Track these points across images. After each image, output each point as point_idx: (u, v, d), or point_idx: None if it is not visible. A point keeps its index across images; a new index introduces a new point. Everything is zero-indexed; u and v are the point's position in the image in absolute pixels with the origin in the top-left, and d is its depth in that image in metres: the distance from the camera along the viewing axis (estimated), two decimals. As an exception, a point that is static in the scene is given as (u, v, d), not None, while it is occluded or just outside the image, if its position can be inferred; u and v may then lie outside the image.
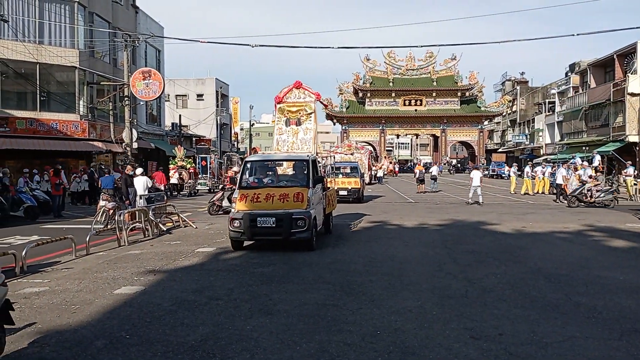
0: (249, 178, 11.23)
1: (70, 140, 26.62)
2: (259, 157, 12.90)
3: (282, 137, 13.24)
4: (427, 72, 66.21)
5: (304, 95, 13.59)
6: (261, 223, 9.89)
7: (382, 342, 5.20)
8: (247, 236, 10.04)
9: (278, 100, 13.53)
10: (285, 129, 13.33)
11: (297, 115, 13.34)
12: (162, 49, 39.65)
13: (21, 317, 6.01)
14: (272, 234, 10.01)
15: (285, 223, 9.84)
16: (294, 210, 9.93)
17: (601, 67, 42.92)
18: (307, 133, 13.22)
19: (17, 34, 24.90)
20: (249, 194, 10.27)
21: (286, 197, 10.14)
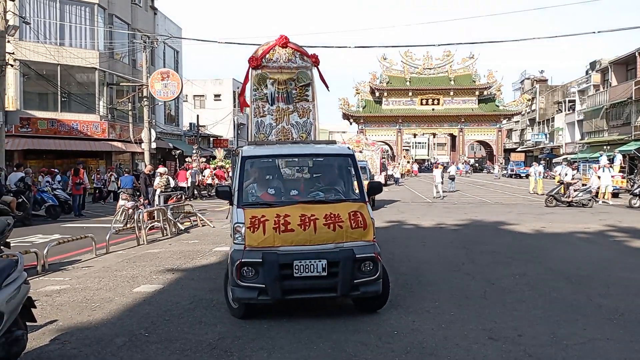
0: (255, 187, 6.76)
1: (90, 140, 26.98)
2: (267, 150, 7.19)
3: (264, 121, 8.58)
4: (445, 71, 65.75)
5: (293, 58, 9.00)
6: (300, 271, 5.62)
7: (400, 343, 5.17)
8: (272, 295, 5.62)
9: (254, 64, 8.72)
10: (269, 108, 8.62)
11: (286, 88, 8.84)
12: (180, 49, 39.97)
13: (43, 314, 6.11)
14: (320, 289, 5.74)
15: (344, 269, 5.64)
16: (354, 244, 5.79)
17: (622, 64, 42.17)
18: (304, 115, 8.85)
19: (38, 36, 25.31)
20: (267, 216, 5.82)
21: (337, 222, 5.83)
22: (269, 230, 5.72)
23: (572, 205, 19.46)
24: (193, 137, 42.31)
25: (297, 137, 8.60)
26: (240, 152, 6.85)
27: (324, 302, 6.54)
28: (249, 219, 5.81)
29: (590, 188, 20.58)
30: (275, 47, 8.91)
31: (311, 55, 9.11)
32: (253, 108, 8.62)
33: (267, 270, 5.59)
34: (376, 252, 5.86)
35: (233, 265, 5.67)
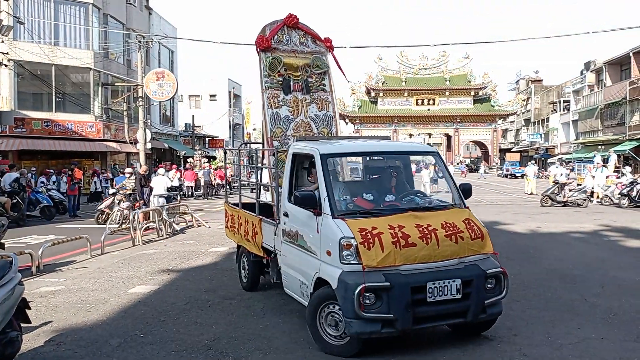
0: (343, 191, 5.54)
1: (85, 140, 26.87)
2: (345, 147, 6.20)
3: (280, 113, 7.29)
4: (440, 71, 65.88)
5: (305, 41, 7.79)
6: (434, 294, 4.71)
7: (396, 342, 5.18)
8: (401, 326, 4.59)
9: (264, 45, 7.35)
10: (285, 98, 7.39)
11: (302, 75, 7.59)
12: (175, 49, 39.88)
13: (37, 315, 6.09)
14: (452, 314, 4.88)
15: (477, 289, 4.87)
16: (475, 258, 5.06)
17: (617, 65, 42.34)
18: (323, 107, 7.68)
19: (32, 36, 25.20)
20: (380, 227, 4.80)
21: (457, 232, 5.01)
22: (387, 246, 4.65)
23: (567, 205, 19.54)
24: (189, 137, 42.38)
25: (317, 133, 7.46)
26: (317, 151, 5.39)
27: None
28: (358, 232, 4.69)
29: (585, 188, 20.68)
30: (284, 26, 7.62)
31: (325, 38, 7.92)
32: (266, 97, 7.28)
33: (397, 296, 4.52)
34: (502, 267, 5.13)
35: (351, 292, 4.46)
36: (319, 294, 4.95)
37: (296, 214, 5.45)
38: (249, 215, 6.95)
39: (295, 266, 5.54)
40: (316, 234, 5.03)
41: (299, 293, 5.50)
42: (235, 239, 7.76)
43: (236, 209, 7.60)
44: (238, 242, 7.57)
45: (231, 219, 7.81)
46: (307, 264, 5.18)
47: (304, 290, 5.27)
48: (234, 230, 7.67)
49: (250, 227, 6.84)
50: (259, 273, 7.18)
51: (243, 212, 7.28)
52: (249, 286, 7.26)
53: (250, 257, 7.11)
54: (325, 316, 4.91)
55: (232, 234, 7.86)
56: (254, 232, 6.65)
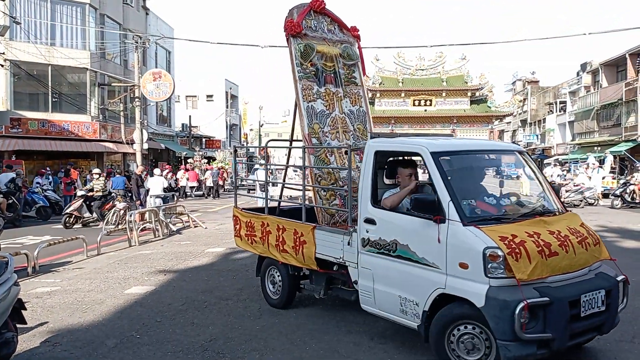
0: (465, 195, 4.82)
1: (81, 141, 26.78)
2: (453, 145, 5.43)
3: (315, 107, 6.61)
4: (437, 72, 65.91)
5: (333, 28, 7.16)
6: (586, 308, 4.34)
7: (392, 343, 5.19)
8: (557, 345, 4.15)
9: (295, 30, 6.66)
10: (318, 90, 6.71)
11: (334, 66, 6.94)
12: (172, 50, 39.81)
13: (33, 316, 6.07)
14: (594, 329, 4.53)
15: (615, 299, 4.60)
16: (598, 265, 4.79)
17: (613, 66, 42.48)
18: (356, 102, 7.09)
19: (29, 36, 25.12)
20: (519, 235, 4.31)
21: (584, 239, 4.70)
22: (534, 256, 4.17)
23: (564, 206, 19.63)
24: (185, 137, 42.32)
25: (354, 130, 6.91)
26: (425, 149, 4.77)
27: (315, 303, 6.55)
28: (500, 241, 4.16)
29: (582, 189, 20.76)
30: (310, 10, 6.91)
31: (351, 27, 7.34)
32: (300, 89, 6.55)
33: (556, 313, 4.06)
34: (624, 274, 4.75)
35: (509, 310, 3.94)
36: (446, 313, 4.32)
37: (394, 221, 4.81)
38: (289, 223, 6.08)
39: (391, 281, 4.77)
40: (437, 244, 4.37)
41: (397, 311, 4.74)
42: (255, 250, 6.73)
43: (258, 215, 6.67)
44: (261, 253, 6.61)
45: (248, 227, 6.82)
46: (417, 279, 4.52)
47: (409, 308, 4.61)
48: (252, 240, 6.71)
49: (290, 236, 5.97)
50: (296, 288, 6.38)
51: (274, 218, 6.38)
52: (283, 302, 6.35)
53: (287, 270, 6.24)
54: (457, 339, 4.28)
55: (247, 243, 6.88)
56: (300, 241, 5.82)
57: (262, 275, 6.80)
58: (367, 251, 5.03)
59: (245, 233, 6.89)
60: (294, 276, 6.31)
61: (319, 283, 5.99)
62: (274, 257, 6.32)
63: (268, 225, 6.41)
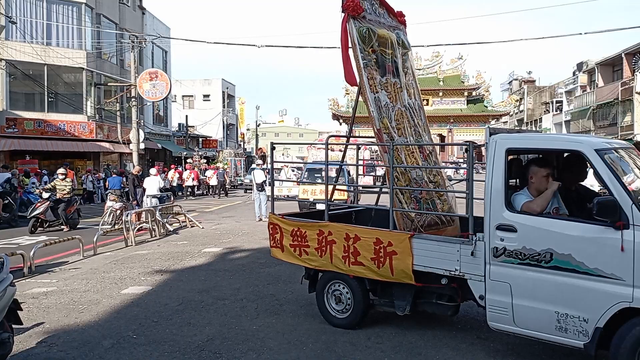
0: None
1: (78, 141, 26.73)
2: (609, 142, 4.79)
3: (380, 99, 5.87)
4: (434, 72, 66.02)
5: (382, 12, 6.42)
6: None
7: (389, 343, 5.19)
8: None
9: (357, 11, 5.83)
10: (380, 80, 5.96)
11: (392, 54, 6.23)
12: (168, 49, 39.75)
13: (29, 317, 6.05)
14: None
15: None
16: None
17: (609, 65, 42.63)
18: (412, 95, 6.54)
19: (25, 36, 25.04)
20: None
21: None
22: None
23: None
24: (182, 137, 42.27)
25: (415, 125, 6.35)
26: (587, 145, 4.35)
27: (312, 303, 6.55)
28: None
29: None
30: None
31: (397, 12, 6.64)
32: (366, 78, 5.68)
33: None
34: None
35: None
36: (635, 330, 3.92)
37: (547, 227, 4.30)
38: (368, 231, 5.39)
39: (543, 295, 4.27)
40: (619, 253, 3.94)
41: (550, 329, 4.25)
42: (307, 263, 5.87)
43: (313, 222, 5.83)
44: (318, 266, 5.77)
45: (295, 237, 5.89)
46: (587, 292, 4.08)
47: (571, 325, 4.15)
48: (302, 251, 5.84)
49: (367, 246, 5.26)
50: (369, 304, 5.63)
51: (341, 226, 5.59)
52: (355, 321, 5.56)
53: (362, 285, 5.51)
54: None
55: (293, 255, 5.96)
56: (387, 252, 5.13)
57: (320, 292, 5.86)
58: (502, 262, 4.45)
59: (291, 243, 5.93)
60: (367, 290, 5.56)
61: (402, 298, 5.31)
62: (341, 270, 5.51)
63: (330, 233, 5.57)
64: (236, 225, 15.02)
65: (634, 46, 38.08)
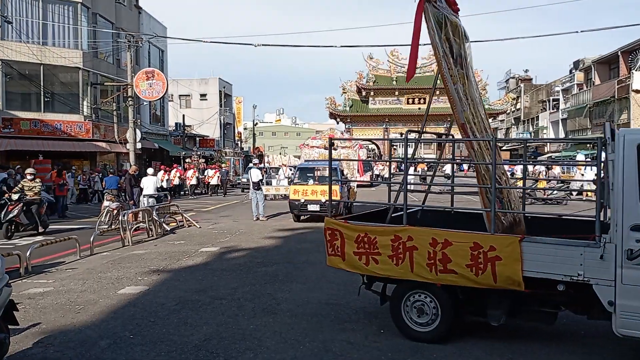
0: None
1: (74, 141, 26.67)
2: None
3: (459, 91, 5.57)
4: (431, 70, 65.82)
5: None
6: None
7: (386, 342, 5.18)
8: None
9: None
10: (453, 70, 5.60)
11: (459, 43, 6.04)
12: (165, 49, 39.67)
13: (25, 317, 6.02)
14: None
15: None
16: None
17: (605, 64, 42.70)
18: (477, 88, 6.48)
19: (20, 36, 24.96)
20: None
21: None
22: None
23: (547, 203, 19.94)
24: (179, 137, 42.22)
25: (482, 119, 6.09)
26: None
27: (309, 302, 6.54)
28: None
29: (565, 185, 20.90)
30: None
31: (452, 0, 6.18)
32: (446, 68, 5.34)
33: None
34: None
35: None
36: None
37: None
38: (461, 235, 4.93)
39: None
40: None
41: None
42: (378, 271, 5.29)
43: (385, 226, 5.37)
44: (394, 275, 5.22)
45: (361, 243, 5.31)
46: None
47: None
48: (371, 259, 5.27)
49: (461, 252, 4.82)
50: (458, 314, 5.17)
51: (426, 230, 5.12)
52: (441, 334, 5.10)
53: (453, 294, 5.08)
54: None
55: (358, 264, 5.36)
56: (488, 258, 4.71)
57: (396, 304, 5.31)
58: (638, 265, 4.17)
59: (356, 251, 5.33)
60: (458, 300, 5.12)
61: (498, 306, 4.93)
62: (425, 279, 5.03)
63: (410, 239, 5.06)
64: (233, 224, 15.00)
65: (630, 44, 38.13)
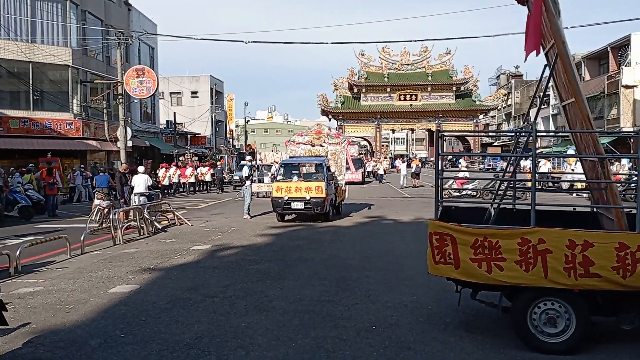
0: None
1: (64, 139, 26.47)
2: None
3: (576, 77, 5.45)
4: (422, 67, 66.15)
5: None
6: None
7: (378, 337, 5.19)
8: None
9: None
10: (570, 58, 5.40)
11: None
12: (155, 46, 39.43)
13: (15, 317, 5.98)
14: None
15: None
16: None
17: (595, 59, 42.97)
18: None
19: (9, 33, 24.71)
20: None
21: None
22: None
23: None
24: (170, 135, 42.01)
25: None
26: None
27: (302, 299, 6.54)
28: None
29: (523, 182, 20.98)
30: None
31: None
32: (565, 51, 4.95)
33: None
34: None
35: None
36: None
37: None
38: (610, 235, 4.66)
39: None
40: None
41: None
42: (503, 280, 4.80)
43: (511, 229, 4.85)
44: (525, 282, 4.75)
45: (479, 248, 4.83)
46: None
47: None
48: (493, 266, 4.79)
49: (606, 253, 4.52)
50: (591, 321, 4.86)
51: (564, 232, 4.69)
52: (577, 344, 4.78)
53: (590, 300, 4.80)
54: None
55: (477, 272, 4.85)
56: (637, 259, 4.46)
57: (520, 314, 4.89)
58: None
59: (473, 257, 4.85)
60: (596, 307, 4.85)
61: (632, 309, 4.73)
62: (562, 285, 4.66)
63: (542, 241, 4.66)
64: (225, 222, 14.96)
65: (619, 40, 38.38)
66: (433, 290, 6.88)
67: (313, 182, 14.21)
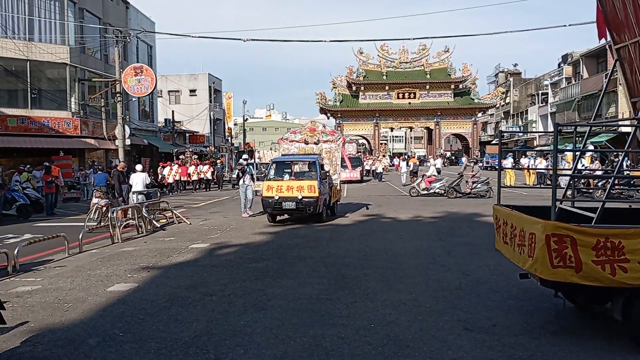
0: None
1: (62, 137, 26.44)
2: None
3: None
4: (421, 65, 66.12)
5: None
6: None
7: (376, 336, 5.20)
8: None
9: None
10: None
11: None
12: (153, 44, 39.37)
13: (13, 316, 5.97)
14: None
15: None
16: None
17: (594, 57, 43.00)
18: None
19: (6, 31, 24.66)
20: None
21: None
22: None
23: (472, 196, 20.16)
24: (169, 133, 42.00)
25: None
26: None
27: (300, 296, 6.54)
28: None
29: (488, 179, 20.99)
30: None
31: None
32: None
33: None
34: None
35: None
36: None
37: None
38: None
39: None
40: None
41: None
42: (629, 282, 4.51)
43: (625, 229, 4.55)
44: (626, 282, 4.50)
45: (602, 250, 4.53)
46: None
47: None
48: (617, 268, 4.50)
49: None
50: None
51: None
52: None
53: None
54: None
55: (601, 275, 4.52)
56: None
57: (624, 314, 4.69)
58: None
59: (595, 259, 4.54)
60: None
61: None
62: None
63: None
64: (224, 220, 14.96)
65: (617, 38, 38.33)
66: (431, 288, 6.90)
67: (305, 181, 13.64)
